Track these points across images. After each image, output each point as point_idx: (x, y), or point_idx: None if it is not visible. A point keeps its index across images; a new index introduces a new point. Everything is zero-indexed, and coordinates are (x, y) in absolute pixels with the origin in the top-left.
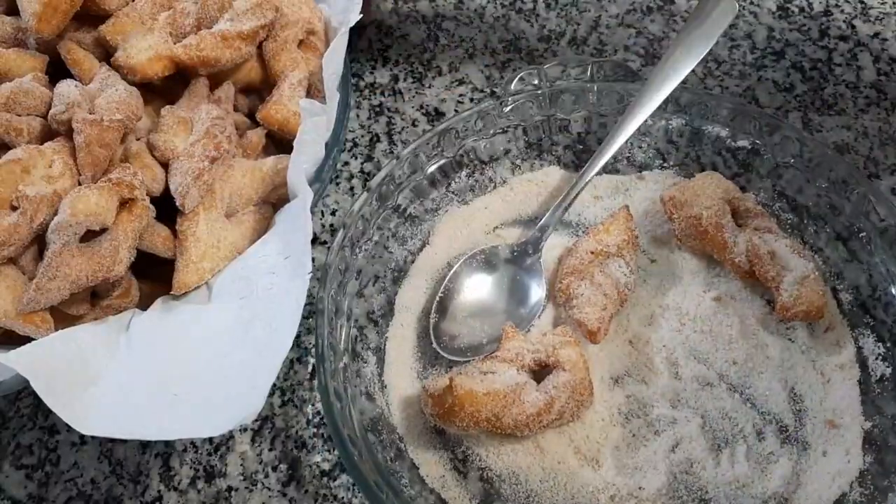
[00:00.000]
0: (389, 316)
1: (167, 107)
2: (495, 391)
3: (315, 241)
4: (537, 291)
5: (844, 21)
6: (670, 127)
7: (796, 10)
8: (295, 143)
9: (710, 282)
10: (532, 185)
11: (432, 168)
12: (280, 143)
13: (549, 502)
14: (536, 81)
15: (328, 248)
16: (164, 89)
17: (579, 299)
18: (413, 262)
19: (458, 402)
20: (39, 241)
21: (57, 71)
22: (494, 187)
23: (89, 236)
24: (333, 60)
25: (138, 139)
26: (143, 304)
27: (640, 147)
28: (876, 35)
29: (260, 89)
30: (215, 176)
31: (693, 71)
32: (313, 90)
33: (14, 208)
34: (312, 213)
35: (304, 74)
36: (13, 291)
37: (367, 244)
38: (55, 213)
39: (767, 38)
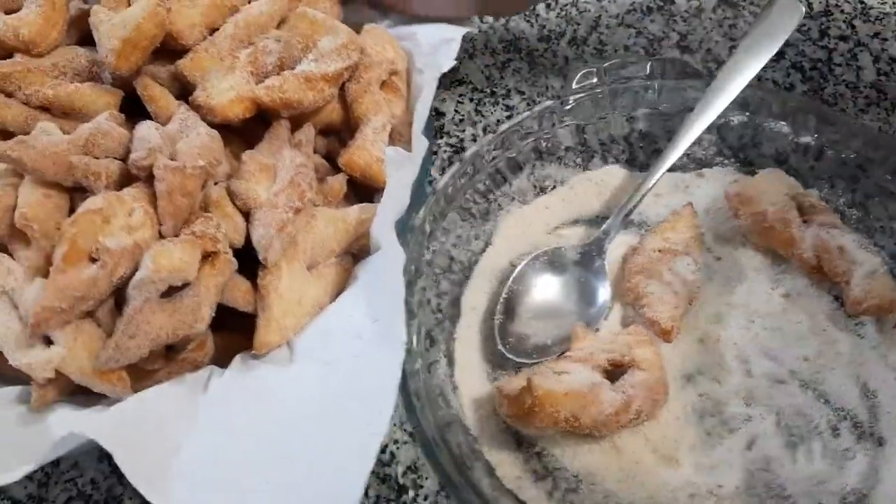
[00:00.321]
0: (456, 318)
1: (248, 152)
2: (574, 391)
3: None
4: (604, 292)
5: (844, 21)
6: (731, 124)
7: None
8: (383, 196)
9: (776, 278)
10: (592, 184)
11: (494, 168)
12: (358, 187)
13: (627, 502)
14: (596, 80)
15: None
16: (241, 129)
17: (650, 298)
18: (476, 262)
19: (537, 402)
20: (116, 293)
21: (131, 105)
22: (554, 187)
23: (169, 291)
24: (423, 107)
25: (216, 183)
26: (218, 356)
27: (701, 144)
28: (876, 35)
29: (339, 130)
30: (298, 227)
31: (699, 71)
32: (395, 134)
33: (93, 260)
34: None
35: (386, 118)
36: (89, 347)
37: (434, 244)
38: (135, 266)
39: None
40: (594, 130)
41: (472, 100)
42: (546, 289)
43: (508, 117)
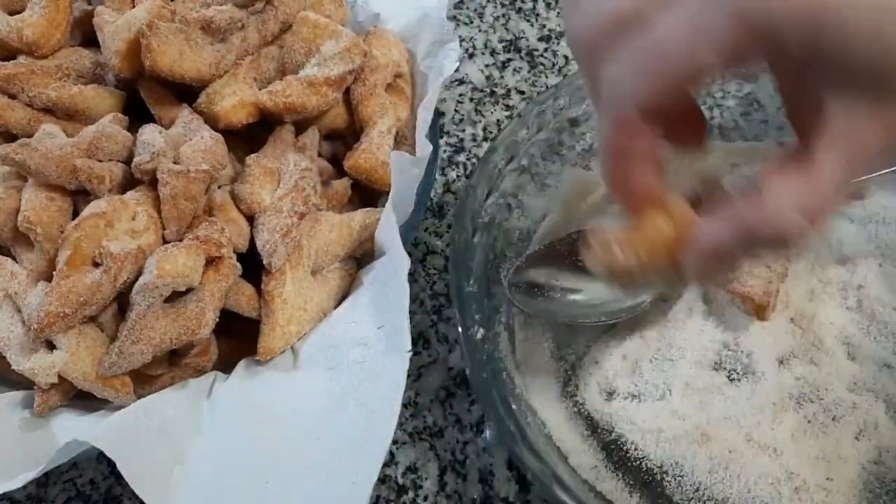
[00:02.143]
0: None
1: (252, 156)
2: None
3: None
4: None
5: None
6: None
7: None
8: (388, 200)
9: (872, 250)
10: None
11: (556, 125)
12: (363, 191)
13: (722, 496)
14: None
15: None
16: (245, 133)
17: (739, 270)
18: (536, 231)
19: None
20: (120, 298)
21: (135, 107)
22: None
23: (173, 296)
24: (426, 110)
25: (220, 187)
26: (222, 362)
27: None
28: None
29: (344, 135)
30: (302, 231)
31: None
32: (399, 137)
33: (97, 264)
34: None
35: (392, 121)
36: (93, 352)
37: (493, 208)
38: (139, 270)
39: None
40: None
41: (472, 99)
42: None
43: (508, 117)
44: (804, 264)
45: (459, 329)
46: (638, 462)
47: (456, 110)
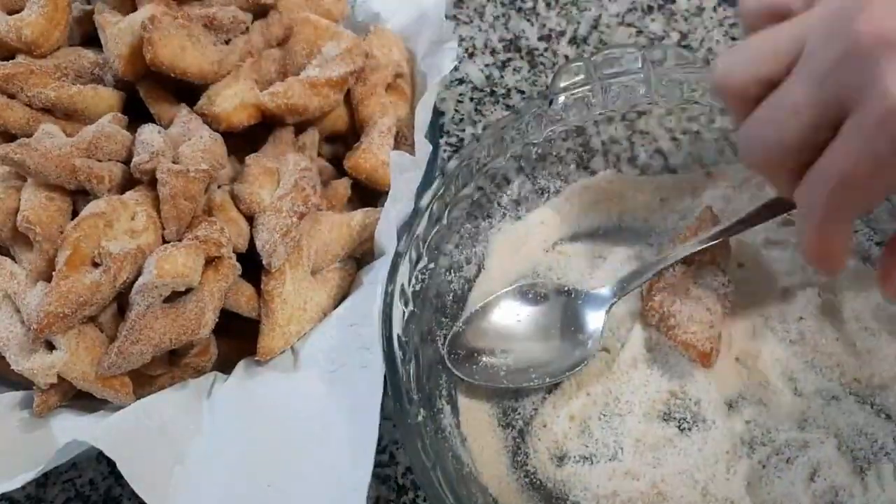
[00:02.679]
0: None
1: (252, 155)
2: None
3: None
4: (595, 319)
5: None
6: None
7: None
8: (388, 200)
9: (811, 280)
10: (590, 192)
11: (480, 182)
12: (362, 191)
13: None
14: (583, 76)
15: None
16: (245, 134)
17: (679, 317)
18: (471, 290)
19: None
20: (119, 298)
21: (134, 107)
22: (548, 198)
23: (172, 296)
24: (424, 110)
25: (219, 187)
26: (222, 362)
27: (704, 142)
28: None
29: (345, 136)
30: (302, 231)
31: (693, 58)
32: (399, 137)
33: (96, 264)
34: None
35: (392, 121)
36: (92, 352)
37: (423, 274)
38: (138, 270)
39: None
40: (586, 132)
41: (472, 99)
42: (524, 314)
43: None
44: (744, 299)
45: (396, 421)
46: None
47: (456, 110)
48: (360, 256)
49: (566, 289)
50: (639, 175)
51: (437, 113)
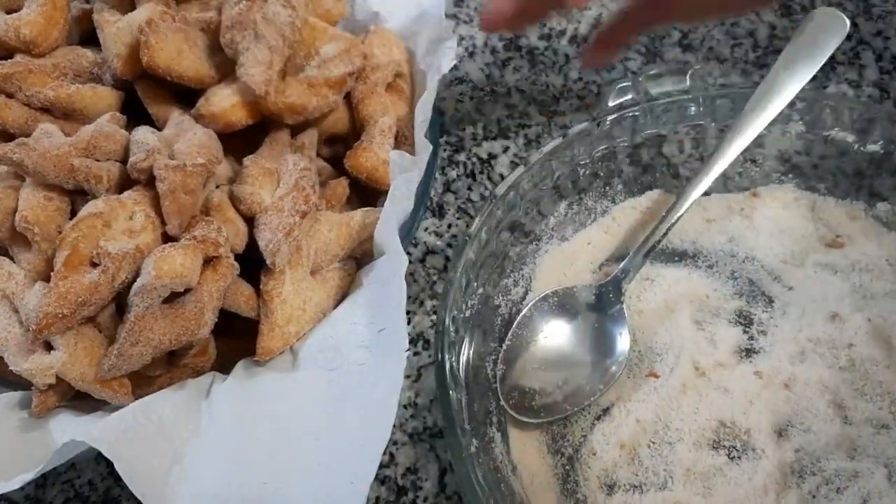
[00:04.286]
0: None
1: (250, 156)
2: None
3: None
4: (622, 341)
5: (847, 19)
6: (787, 134)
7: (798, 7)
8: (387, 200)
9: (861, 304)
10: (637, 213)
11: (528, 204)
12: (361, 191)
13: None
14: (632, 96)
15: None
16: (243, 135)
17: None
18: (518, 313)
19: None
20: (118, 298)
21: (132, 107)
22: (595, 219)
23: (171, 296)
24: (424, 109)
25: (218, 187)
26: (220, 362)
27: (754, 160)
28: (878, 33)
29: (344, 136)
30: (301, 231)
31: (691, 67)
32: (400, 137)
33: (94, 265)
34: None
35: (393, 120)
36: (91, 353)
37: (472, 300)
38: (137, 270)
39: (769, 36)
40: (635, 152)
41: (472, 98)
42: (555, 335)
43: (508, 116)
44: (791, 322)
45: (450, 450)
46: None
47: (456, 109)
48: (360, 256)
49: (582, 296)
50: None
51: (438, 112)
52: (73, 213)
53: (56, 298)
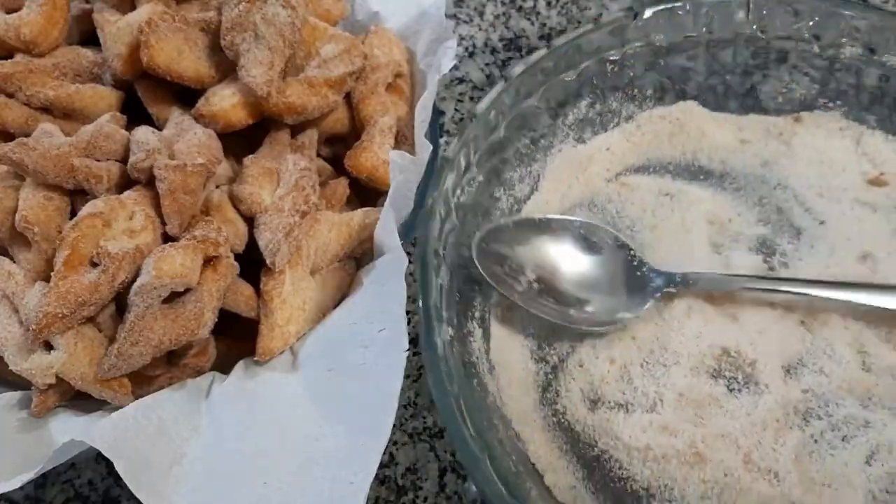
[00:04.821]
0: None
1: (250, 156)
2: None
3: None
4: (643, 295)
5: None
6: (841, 57)
7: None
8: (387, 200)
9: None
10: (665, 123)
11: (547, 94)
12: (361, 191)
13: None
14: None
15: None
16: (243, 136)
17: None
18: (520, 212)
19: None
20: (118, 298)
21: (132, 107)
22: (618, 123)
23: (171, 296)
24: (424, 109)
25: (218, 187)
26: (220, 362)
27: (800, 82)
28: None
29: (344, 136)
30: (301, 231)
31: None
32: (400, 137)
33: (94, 265)
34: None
35: (393, 120)
36: (91, 353)
37: (470, 186)
38: (137, 271)
39: None
40: (672, 55)
41: (472, 98)
42: (569, 250)
43: None
44: (818, 257)
45: (422, 329)
46: (622, 483)
47: (456, 109)
48: (360, 256)
49: (628, 247)
50: (721, 111)
51: (437, 112)
52: (74, 213)
53: (56, 298)
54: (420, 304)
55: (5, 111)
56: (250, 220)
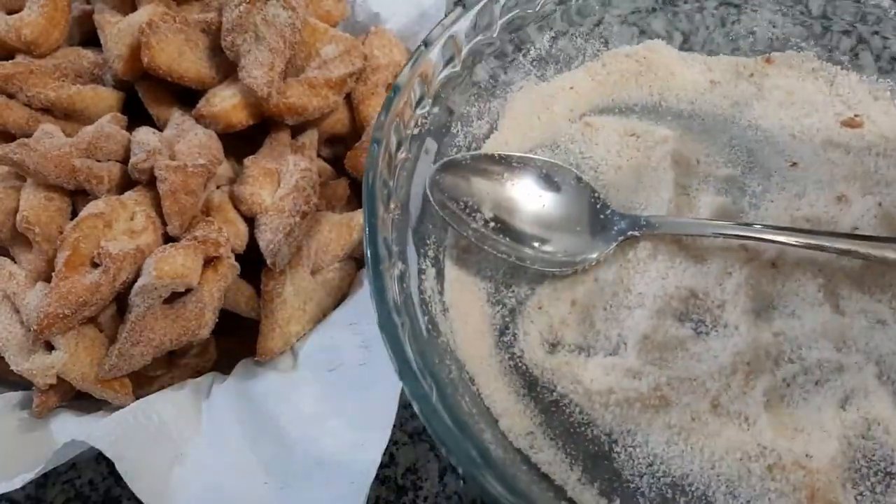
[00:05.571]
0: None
1: (251, 157)
2: None
3: None
4: (606, 238)
5: None
6: None
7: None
8: None
9: (871, 187)
10: (631, 61)
11: (507, 23)
12: (361, 191)
13: (680, 472)
14: None
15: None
16: (243, 136)
17: None
18: (479, 150)
19: None
20: (119, 298)
21: (133, 107)
22: (583, 61)
23: (172, 297)
24: None
25: (218, 187)
26: (220, 362)
27: (771, 21)
28: (876, 33)
29: (344, 137)
30: (302, 231)
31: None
32: None
33: (95, 265)
34: None
35: None
36: (91, 353)
37: (425, 119)
38: (137, 271)
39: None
40: None
41: None
42: (530, 188)
43: None
44: (786, 198)
45: (369, 264)
46: (583, 428)
47: None
48: (360, 256)
49: (592, 189)
50: (690, 51)
51: None
52: (74, 214)
53: (57, 298)
54: (366, 232)
55: (6, 112)
56: (251, 221)
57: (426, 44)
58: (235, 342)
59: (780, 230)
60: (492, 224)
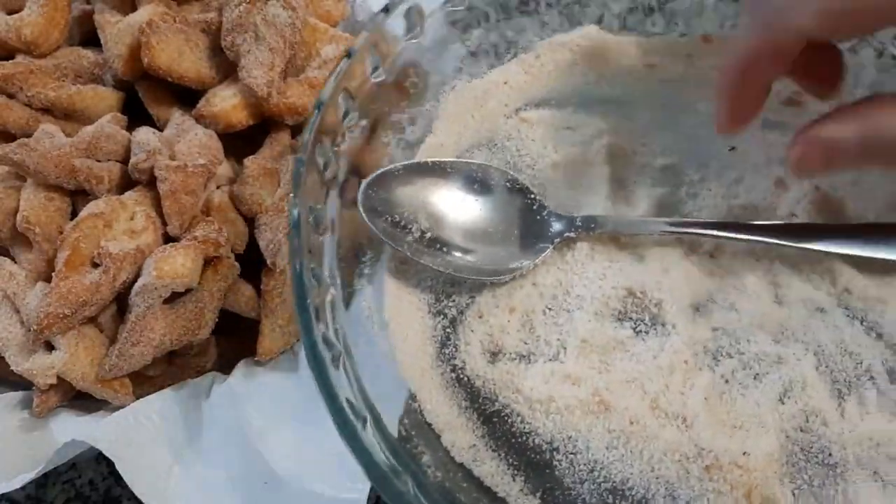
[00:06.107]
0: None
1: (251, 157)
2: None
3: None
4: (542, 241)
5: None
6: None
7: None
8: None
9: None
10: (565, 50)
11: (435, 24)
12: None
13: (621, 476)
14: None
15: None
16: (244, 136)
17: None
18: (414, 157)
19: None
20: (119, 298)
21: (133, 107)
22: (514, 54)
23: (172, 297)
24: None
25: (218, 187)
26: (220, 362)
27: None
28: None
29: None
30: None
31: None
32: None
33: (95, 265)
34: None
35: None
36: (92, 353)
37: (353, 131)
38: (137, 271)
39: None
40: None
41: None
42: (463, 194)
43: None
44: (721, 186)
45: (294, 291)
46: (524, 437)
47: None
48: None
49: (527, 190)
50: (627, 34)
51: None
52: (75, 214)
53: (57, 298)
54: (292, 263)
55: (6, 112)
56: (251, 221)
57: (350, 52)
58: (235, 342)
59: (716, 226)
60: (427, 235)
